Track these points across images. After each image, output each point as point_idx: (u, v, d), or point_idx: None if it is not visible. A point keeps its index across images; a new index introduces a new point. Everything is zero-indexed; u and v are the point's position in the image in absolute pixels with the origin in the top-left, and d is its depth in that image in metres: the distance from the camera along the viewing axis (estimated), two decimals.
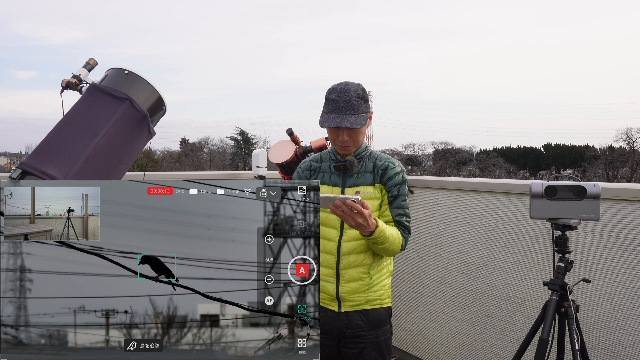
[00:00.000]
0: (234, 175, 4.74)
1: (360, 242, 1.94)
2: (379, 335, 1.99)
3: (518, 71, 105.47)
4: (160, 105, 2.98)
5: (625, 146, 41.62)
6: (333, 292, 1.96)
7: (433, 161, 49.02)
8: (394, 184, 1.99)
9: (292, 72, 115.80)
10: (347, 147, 1.98)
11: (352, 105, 1.91)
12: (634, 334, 2.35)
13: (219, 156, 45.72)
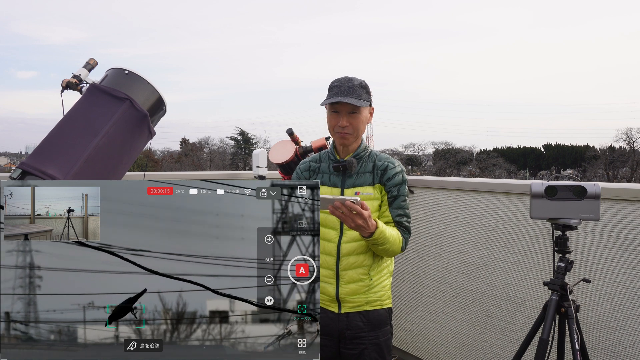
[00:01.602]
0: (234, 175, 4.74)
1: (360, 243, 1.93)
2: (379, 336, 1.98)
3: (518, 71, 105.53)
4: (161, 105, 2.98)
5: (625, 146, 41.66)
6: (333, 294, 1.95)
7: (433, 161, 49.02)
8: (394, 184, 1.98)
9: (292, 72, 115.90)
10: (347, 135, 1.96)
11: (355, 90, 1.93)
12: (634, 334, 2.35)
13: (219, 156, 45.74)
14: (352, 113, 1.94)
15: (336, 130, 1.97)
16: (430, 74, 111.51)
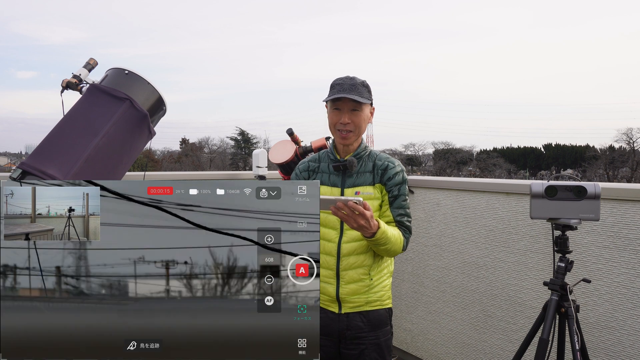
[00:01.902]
0: (234, 175, 4.74)
1: (361, 243, 1.92)
2: (380, 336, 1.98)
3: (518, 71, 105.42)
4: (161, 105, 2.98)
5: (625, 146, 41.66)
6: (333, 294, 1.95)
7: (433, 161, 49.02)
8: (394, 184, 1.97)
9: (292, 72, 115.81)
10: (348, 133, 1.96)
11: (357, 88, 1.94)
12: (634, 334, 2.35)
13: (219, 156, 45.74)
14: (353, 110, 1.94)
15: (337, 128, 1.96)
16: (430, 74, 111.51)
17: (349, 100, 1.92)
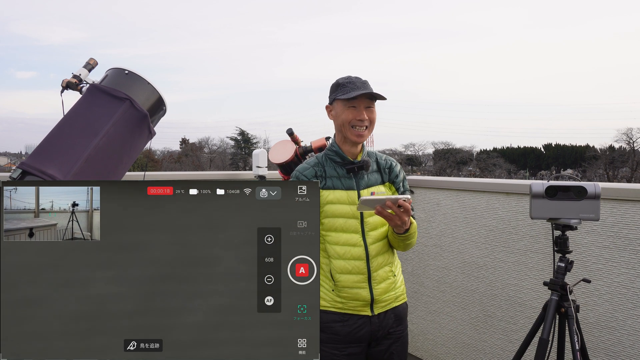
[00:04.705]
0: (234, 175, 4.74)
1: (383, 241, 1.96)
2: (403, 329, 2.04)
3: (518, 71, 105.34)
4: (161, 105, 2.98)
5: (625, 146, 41.63)
6: (368, 297, 1.93)
7: (433, 161, 48.99)
8: (400, 180, 2.04)
9: (292, 72, 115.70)
10: (365, 129, 1.94)
11: (369, 85, 1.96)
12: (634, 334, 2.35)
13: (219, 156, 45.71)
14: (368, 107, 1.94)
15: (353, 124, 1.91)
16: (430, 74, 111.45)
17: (364, 97, 1.91)
